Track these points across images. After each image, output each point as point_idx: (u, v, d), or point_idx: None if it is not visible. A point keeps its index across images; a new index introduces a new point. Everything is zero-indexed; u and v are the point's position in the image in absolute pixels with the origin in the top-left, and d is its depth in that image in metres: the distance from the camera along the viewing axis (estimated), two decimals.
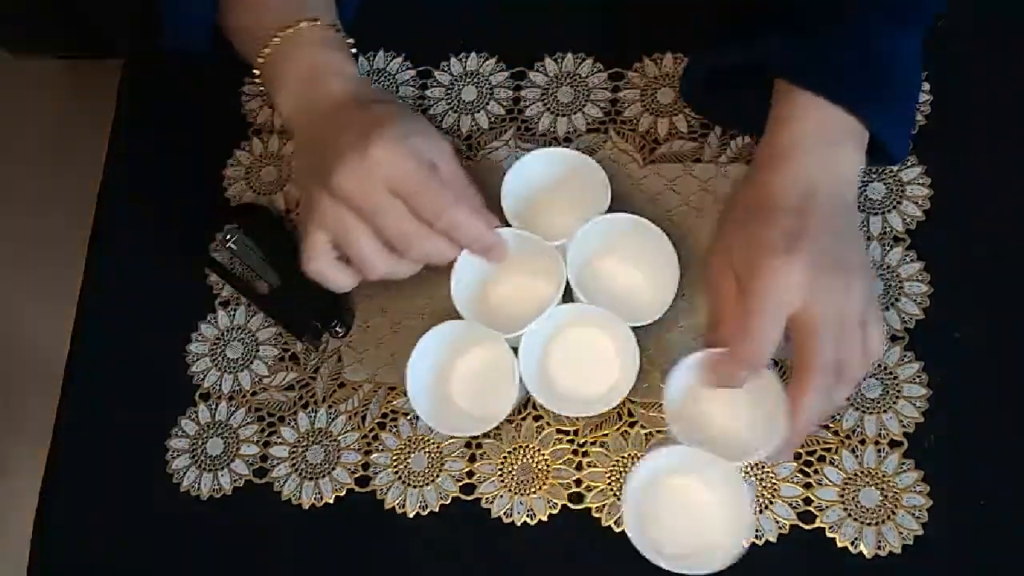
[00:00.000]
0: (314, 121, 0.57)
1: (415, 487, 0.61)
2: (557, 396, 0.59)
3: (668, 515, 0.55)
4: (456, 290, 0.58)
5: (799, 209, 0.51)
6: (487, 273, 0.60)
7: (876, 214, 0.61)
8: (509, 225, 0.59)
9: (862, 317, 0.51)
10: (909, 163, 0.61)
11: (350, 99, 0.57)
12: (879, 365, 0.58)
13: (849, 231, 0.53)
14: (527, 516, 0.59)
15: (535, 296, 0.61)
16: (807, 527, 0.56)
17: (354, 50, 0.61)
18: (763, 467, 0.57)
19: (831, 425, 0.57)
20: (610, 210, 0.58)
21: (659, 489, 0.55)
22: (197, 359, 0.67)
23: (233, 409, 0.66)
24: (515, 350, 0.57)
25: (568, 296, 0.58)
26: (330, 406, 0.64)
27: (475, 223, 0.55)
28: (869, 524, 0.55)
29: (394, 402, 0.63)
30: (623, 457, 0.59)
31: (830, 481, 0.56)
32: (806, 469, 0.57)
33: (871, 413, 0.57)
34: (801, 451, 0.57)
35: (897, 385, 0.57)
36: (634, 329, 0.56)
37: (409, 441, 0.62)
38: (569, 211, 0.61)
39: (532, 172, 0.61)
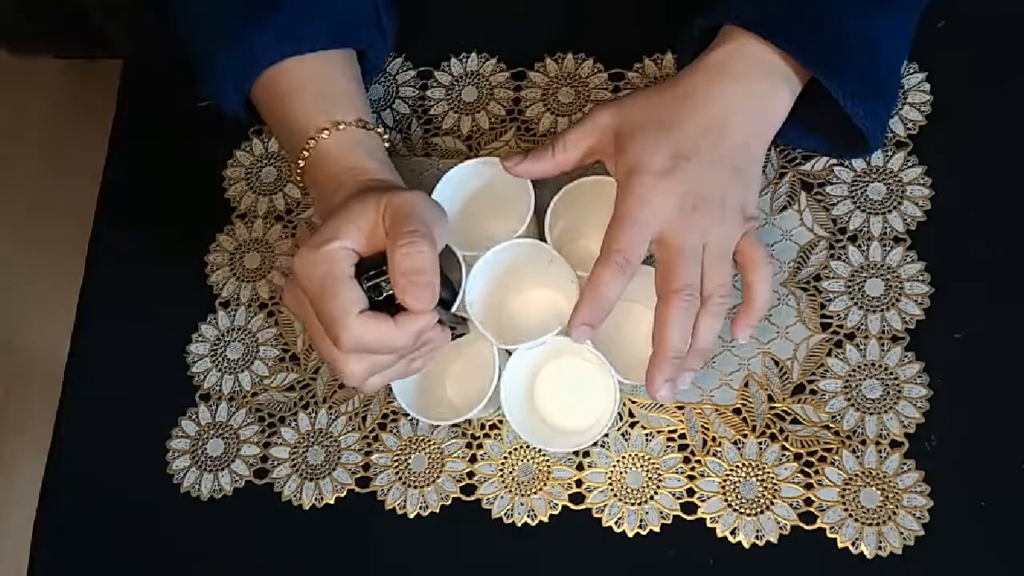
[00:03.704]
0: None
1: (416, 488, 0.61)
2: (533, 421, 0.59)
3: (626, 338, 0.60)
4: (470, 288, 0.57)
5: (694, 134, 0.52)
6: (509, 279, 0.60)
7: (877, 215, 0.61)
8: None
9: (726, 251, 0.53)
10: (910, 163, 0.61)
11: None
12: (880, 366, 0.58)
13: (739, 171, 0.53)
14: (528, 517, 0.59)
15: (549, 315, 0.61)
16: (808, 528, 0.56)
17: (385, 138, 0.60)
18: (763, 468, 0.57)
19: (831, 425, 0.57)
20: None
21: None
22: (197, 359, 0.67)
23: (234, 410, 0.66)
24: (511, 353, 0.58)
25: None
26: (330, 407, 0.64)
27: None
28: (870, 524, 0.55)
29: (395, 403, 0.63)
30: (624, 457, 0.59)
31: (831, 482, 0.56)
32: (807, 470, 0.57)
33: (872, 414, 0.57)
34: (802, 451, 0.57)
35: (898, 385, 0.57)
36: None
37: (410, 442, 0.62)
38: (496, 219, 0.62)
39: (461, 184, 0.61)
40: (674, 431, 0.59)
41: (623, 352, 0.58)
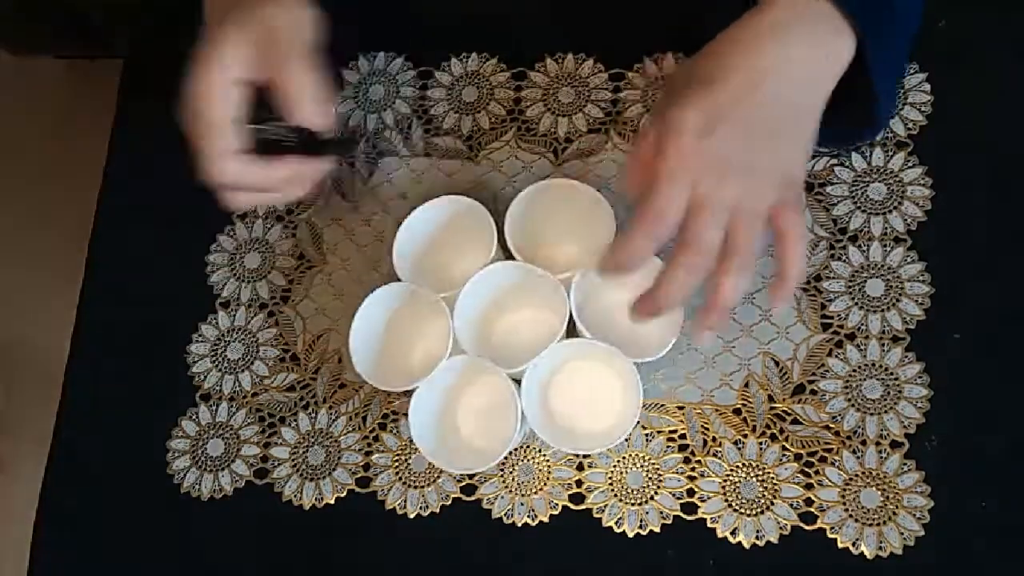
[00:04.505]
0: None
1: (416, 488, 0.61)
2: (560, 431, 0.59)
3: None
4: (459, 324, 0.57)
5: (736, 91, 0.49)
6: (490, 306, 0.60)
7: (877, 215, 0.61)
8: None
9: (754, 213, 0.49)
10: (910, 164, 0.61)
11: None
12: (880, 366, 0.58)
13: (784, 134, 0.50)
14: (528, 517, 0.59)
15: (540, 329, 0.61)
16: (808, 528, 0.56)
17: None
18: (764, 468, 0.57)
19: (832, 426, 0.57)
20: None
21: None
22: (198, 360, 0.67)
23: (234, 410, 0.66)
24: (519, 382, 0.57)
25: (572, 330, 0.58)
26: (331, 407, 0.64)
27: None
28: (870, 525, 0.55)
29: (395, 403, 0.63)
30: (624, 457, 0.59)
31: (831, 482, 0.56)
32: (807, 470, 0.57)
33: (872, 414, 0.57)
34: (802, 451, 0.57)
35: (898, 386, 0.57)
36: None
37: (410, 442, 0.62)
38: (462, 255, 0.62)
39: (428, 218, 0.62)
40: (674, 431, 0.59)
41: (636, 341, 0.58)
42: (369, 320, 0.60)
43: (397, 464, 0.62)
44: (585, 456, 0.60)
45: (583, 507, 0.59)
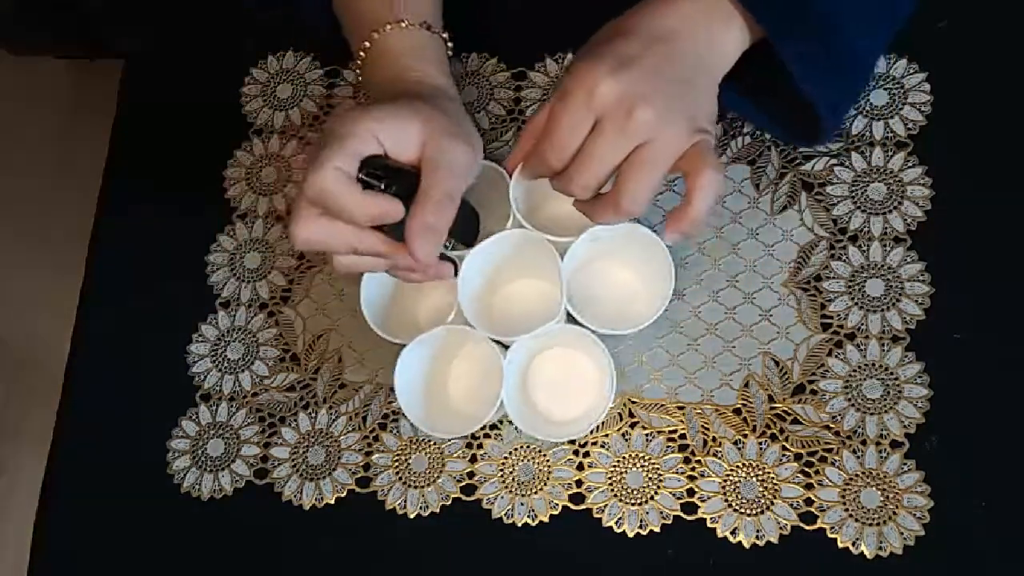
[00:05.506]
0: None
1: (416, 488, 0.61)
2: (534, 416, 0.60)
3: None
4: (462, 294, 0.57)
5: (650, 40, 0.51)
6: (491, 275, 0.61)
7: (877, 215, 0.61)
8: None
9: (659, 158, 0.50)
10: (910, 164, 0.61)
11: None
12: (880, 366, 0.58)
13: (691, 83, 0.52)
14: (528, 517, 0.59)
15: (539, 297, 0.62)
16: (808, 528, 0.56)
17: (449, 44, 0.62)
18: (764, 468, 0.57)
19: (832, 426, 0.57)
20: None
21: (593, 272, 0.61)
22: (198, 360, 0.67)
23: (234, 410, 0.66)
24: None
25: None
26: (331, 407, 0.64)
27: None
28: (870, 525, 0.55)
29: (395, 403, 0.63)
30: (624, 457, 0.59)
31: (831, 482, 0.56)
32: (807, 470, 0.57)
33: (872, 414, 0.57)
34: (802, 451, 0.57)
35: (898, 386, 0.57)
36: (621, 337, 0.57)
37: (410, 442, 0.62)
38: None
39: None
40: (674, 431, 0.59)
41: (607, 309, 0.60)
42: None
43: (397, 464, 0.62)
44: (585, 455, 0.60)
45: (583, 507, 0.59)
